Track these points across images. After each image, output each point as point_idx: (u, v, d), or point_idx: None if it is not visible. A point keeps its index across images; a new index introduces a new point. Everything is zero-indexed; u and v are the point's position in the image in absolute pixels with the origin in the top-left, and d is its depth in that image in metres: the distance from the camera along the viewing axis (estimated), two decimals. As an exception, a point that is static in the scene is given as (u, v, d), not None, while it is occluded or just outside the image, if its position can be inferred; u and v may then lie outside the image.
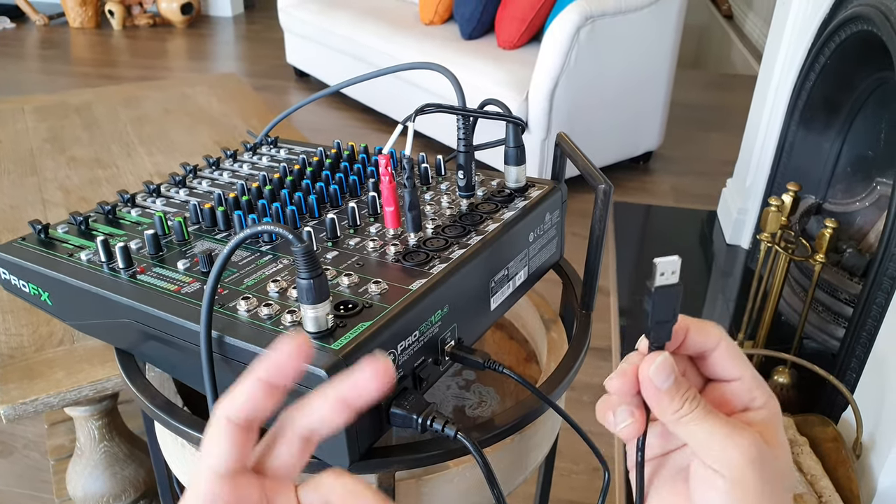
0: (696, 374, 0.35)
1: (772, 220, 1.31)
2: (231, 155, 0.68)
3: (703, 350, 0.33)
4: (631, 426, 0.33)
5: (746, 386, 0.33)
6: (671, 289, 0.30)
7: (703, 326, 0.33)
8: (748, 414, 0.33)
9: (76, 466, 1.01)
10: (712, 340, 0.33)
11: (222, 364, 0.41)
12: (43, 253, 0.52)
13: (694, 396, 0.31)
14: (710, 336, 0.33)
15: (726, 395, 0.33)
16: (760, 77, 2.01)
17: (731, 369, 0.33)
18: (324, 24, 2.93)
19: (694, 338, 0.33)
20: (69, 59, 3.74)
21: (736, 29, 4.49)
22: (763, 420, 0.32)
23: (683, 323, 0.32)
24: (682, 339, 0.33)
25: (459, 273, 0.46)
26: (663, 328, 0.31)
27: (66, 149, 1.39)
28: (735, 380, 0.33)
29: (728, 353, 0.33)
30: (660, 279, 0.30)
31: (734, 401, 0.33)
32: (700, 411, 0.31)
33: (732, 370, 0.33)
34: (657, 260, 0.30)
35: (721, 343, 0.33)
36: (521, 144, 0.56)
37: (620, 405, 0.33)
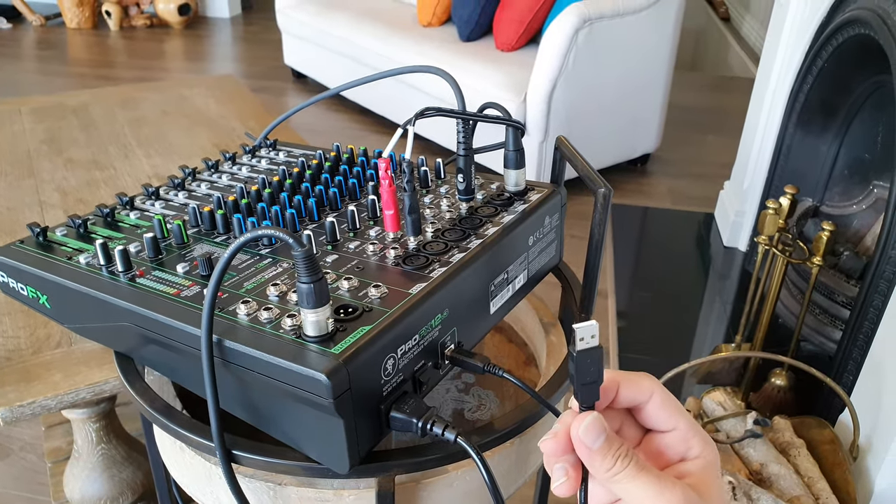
0: (634, 426, 0.35)
1: (769, 222, 1.31)
2: (230, 157, 0.68)
3: (636, 403, 0.34)
4: (565, 484, 0.33)
5: (681, 436, 0.33)
6: (592, 352, 0.31)
7: (635, 380, 0.34)
8: (684, 465, 0.33)
9: (73, 469, 1.00)
10: (644, 394, 0.34)
11: (222, 368, 0.41)
12: (41, 256, 0.51)
13: (626, 454, 0.31)
14: (642, 389, 0.34)
15: (662, 446, 0.34)
16: (758, 80, 2.01)
17: (665, 420, 0.33)
18: (321, 26, 2.93)
19: (625, 392, 0.33)
20: (66, 60, 3.74)
21: (733, 31, 4.50)
22: (699, 469, 0.33)
23: (614, 379, 0.33)
24: (615, 395, 0.34)
25: (459, 277, 0.46)
26: (590, 389, 0.32)
27: (63, 150, 1.39)
28: (670, 430, 0.34)
29: (661, 404, 0.33)
30: (580, 344, 0.31)
31: (670, 451, 0.34)
32: (632, 468, 0.31)
33: (667, 421, 0.33)
34: (575, 326, 0.31)
35: (653, 395, 0.33)
36: (520, 148, 0.56)
37: (556, 463, 0.33)
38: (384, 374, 0.40)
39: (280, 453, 0.42)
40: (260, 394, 0.42)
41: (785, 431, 1.16)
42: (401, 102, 2.66)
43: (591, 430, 0.31)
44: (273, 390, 0.39)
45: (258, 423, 0.43)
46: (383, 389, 0.41)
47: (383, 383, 0.41)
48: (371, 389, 0.40)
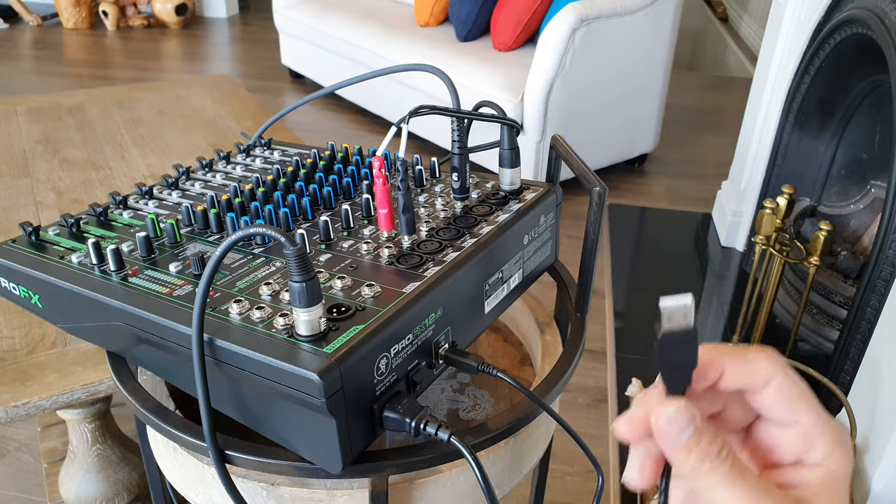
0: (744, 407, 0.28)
1: (766, 222, 1.31)
2: (224, 157, 0.67)
3: (747, 388, 0.27)
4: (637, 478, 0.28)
5: (803, 434, 0.27)
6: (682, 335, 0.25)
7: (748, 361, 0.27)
8: (799, 470, 0.27)
9: (69, 469, 1.00)
10: (759, 379, 0.27)
11: (214, 367, 0.41)
12: (33, 255, 0.51)
13: (718, 452, 0.25)
14: (756, 374, 0.27)
15: (776, 441, 0.28)
16: (755, 80, 2.01)
17: (784, 413, 0.27)
18: (319, 26, 2.92)
19: (733, 376, 0.27)
20: (63, 60, 3.73)
21: (731, 31, 4.50)
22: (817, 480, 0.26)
23: (718, 359, 0.27)
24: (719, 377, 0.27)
25: (453, 276, 0.46)
26: (680, 374, 0.26)
27: (59, 150, 1.38)
28: (790, 425, 0.27)
29: (780, 393, 0.27)
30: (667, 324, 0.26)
31: (784, 450, 0.27)
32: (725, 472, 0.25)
33: (786, 414, 0.27)
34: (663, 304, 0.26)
35: (772, 382, 0.27)
36: (515, 147, 0.56)
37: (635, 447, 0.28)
38: (377, 373, 0.40)
39: (273, 453, 0.42)
40: (252, 393, 0.41)
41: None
42: (397, 102, 2.65)
43: (676, 421, 0.26)
44: (265, 390, 0.39)
45: (251, 423, 0.43)
46: (376, 389, 0.40)
47: (376, 383, 0.40)
48: (364, 389, 0.39)
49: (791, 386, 0.27)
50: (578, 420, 1.44)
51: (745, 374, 0.27)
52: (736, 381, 0.27)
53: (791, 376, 0.27)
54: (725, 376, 0.27)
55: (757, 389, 0.27)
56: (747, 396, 0.28)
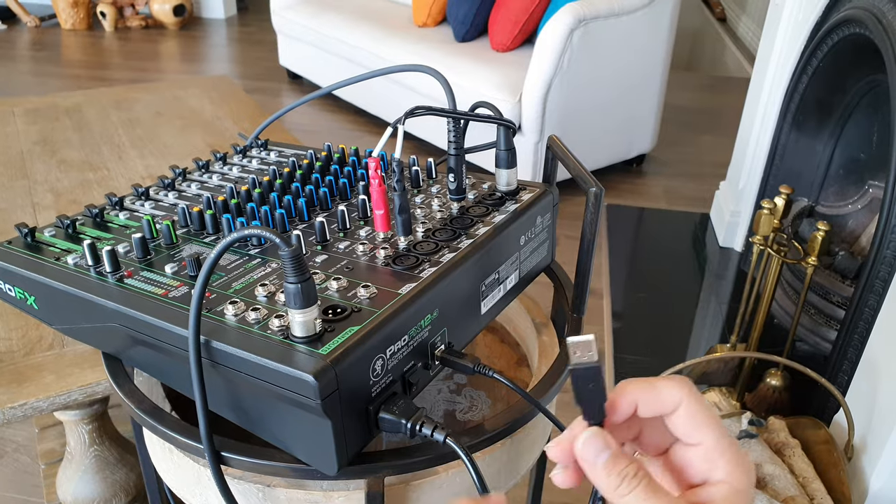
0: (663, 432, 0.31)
1: (764, 222, 1.31)
2: (221, 158, 0.67)
3: (660, 414, 0.30)
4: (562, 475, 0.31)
5: (705, 455, 0.29)
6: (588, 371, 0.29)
7: (658, 390, 0.30)
8: (705, 489, 0.29)
9: (66, 471, 1.00)
10: (668, 405, 0.30)
11: (210, 369, 0.41)
12: (29, 257, 0.51)
13: (634, 474, 0.28)
14: (665, 401, 0.30)
15: (686, 462, 0.30)
16: (753, 79, 2.01)
17: (691, 434, 0.30)
18: (317, 27, 2.92)
19: (646, 405, 0.30)
20: (60, 61, 3.73)
21: (729, 32, 4.51)
22: (721, 498, 0.29)
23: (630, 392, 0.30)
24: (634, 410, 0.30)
25: (449, 277, 0.46)
26: (592, 404, 0.30)
27: (56, 151, 1.38)
28: (696, 445, 0.30)
29: (686, 416, 0.30)
30: (575, 359, 0.29)
31: (692, 469, 0.30)
32: (640, 492, 0.28)
33: (692, 435, 0.30)
34: (569, 340, 0.29)
35: (680, 406, 0.30)
36: (511, 147, 0.56)
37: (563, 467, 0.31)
38: (373, 374, 0.40)
39: (269, 455, 0.42)
40: (248, 395, 0.41)
41: (780, 432, 1.16)
42: (395, 103, 2.65)
43: (590, 445, 0.29)
44: (261, 391, 0.39)
45: (247, 425, 0.43)
46: (372, 390, 0.40)
47: (372, 384, 0.40)
48: (359, 390, 0.39)
49: (695, 409, 0.30)
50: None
51: (656, 402, 0.30)
52: (649, 409, 0.30)
53: (696, 400, 0.30)
54: (640, 407, 0.30)
55: (668, 414, 0.30)
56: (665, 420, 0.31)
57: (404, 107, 2.94)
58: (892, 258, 1.17)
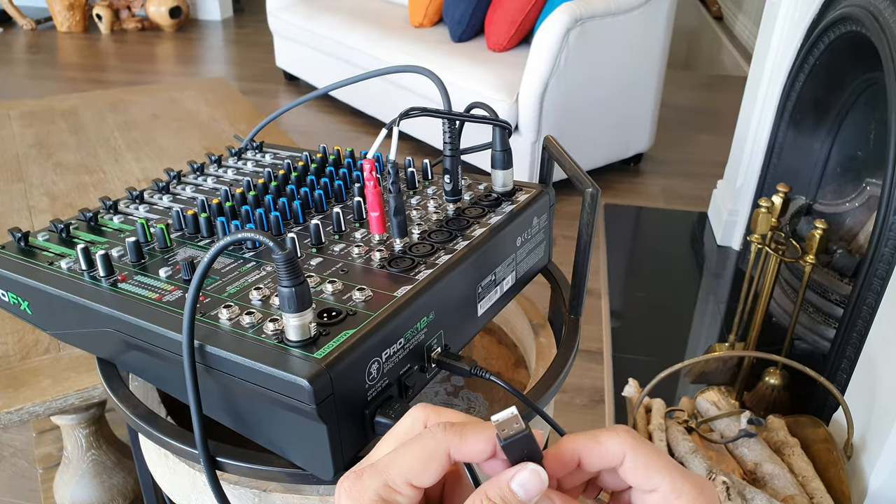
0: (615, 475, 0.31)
1: (762, 221, 1.31)
2: (216, 160, 0.67)
3: (606, 467, 0.30)
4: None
5: (664, 498, 0.29)
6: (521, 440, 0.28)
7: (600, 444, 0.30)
8: None
9: (64, 475, 1.00)
10: (613, 458, 0.30)
11: (204, 374, 0.40)
12: (22, 261, 0.51)
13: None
14: (609, 455, 0.29)
15: None
16: (750, 78, 2.01)
17: (643, 483, 0.30)
18: (313, 28, 2.92)
19: (590, 461, 0.30)
20: (56, 64, 3.72)
21: (726, 30, 4.51)
22: None
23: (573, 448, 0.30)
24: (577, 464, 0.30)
25: (446, 279, 0.46)
26: None
27: (52, 154, 1.38)
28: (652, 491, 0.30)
29: (636, 466, 0.29)
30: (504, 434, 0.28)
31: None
32: None
33: (645, 484, 0.30)
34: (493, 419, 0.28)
35: (625, 459, 0.29)
36: (507, 148, 0.56)
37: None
38: (368, 378, 0.40)
39: (265, 460, 0.42)
40: (243, 400, 0.41)
41: (779, 430, 1.16)
42: (392, 103, 2.65)
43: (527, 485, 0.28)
44: (256, 396, 0.39)
45: (242, 430, 0.43)
46: (368, 394, 0.40)
47: (368, 388, 0.40)
48: (355, 394, 0.39)
49: (643, 458, 0.29)
50: (575, 421, 1.43)
51: (601, 457, 0.30)
52: (594, 463, 0.30)
53: (641, 449, 0.29)
54: (584, 462, 0.30)
55: (615, 467, 0.30)
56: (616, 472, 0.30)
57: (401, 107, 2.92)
58: (889, 256, 1.16)
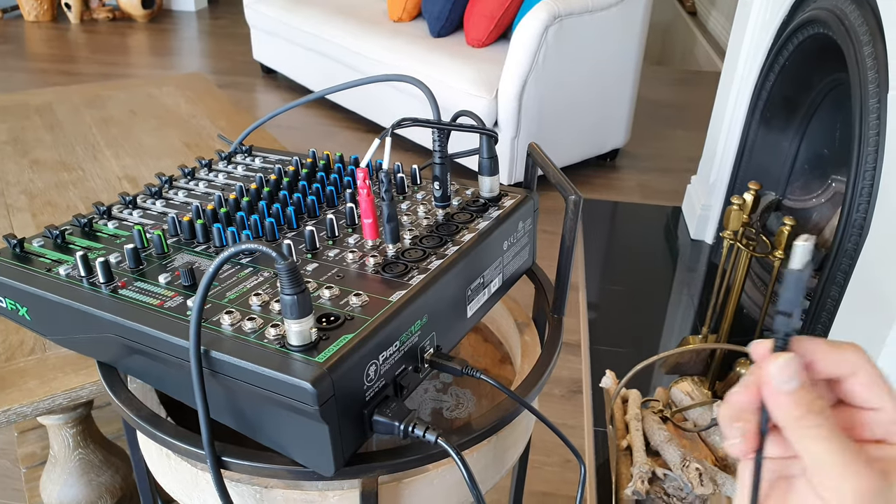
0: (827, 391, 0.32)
1: (734, 217, 1.36)
2: (206, 164, 0.68)
3: (836, 376, 0.31)
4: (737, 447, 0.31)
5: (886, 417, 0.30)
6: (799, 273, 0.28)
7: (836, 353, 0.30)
8: (882, 447, 0.30)
9: (51, 474, 1.00)
10: (847, 367, 0.30)
11: (208, 377, 0.42)
12: (19, 268, 0.52)
13: (821, 410, 0.28)
14: (845, 363, 0.30)
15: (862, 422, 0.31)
16: (723, 76, 2.06)
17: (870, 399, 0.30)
18: (290, 21, 2.90)
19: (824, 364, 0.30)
20: (25, 55, 3.63)
21: (700, 25, 4.58)
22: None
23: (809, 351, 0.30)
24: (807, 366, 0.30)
25: (437, 283, 0.48)
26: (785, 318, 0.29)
27: (28, 151, 1.36)
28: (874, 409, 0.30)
29: (867, 382, 0.30)
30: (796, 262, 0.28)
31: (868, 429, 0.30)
32: (825, 429, 0.28)
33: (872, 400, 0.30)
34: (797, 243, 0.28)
35: (859, 372, 0.30)
36: (494, 155, 0.58)
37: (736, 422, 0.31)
38: (366, 380, 0.42)
39: (267, 458, 0.44)
40: (246, 402, 0.43)
41: (749, 419, 1.20)
42: (373, 99, 2.65)
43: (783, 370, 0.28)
44: (259, 398, 0.41)
45: (245, 430, 0.45)
46: (366, 395, 0.42)
47: (366, 389, 0.42)
48: (354, 395, 0.41)
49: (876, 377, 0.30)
50: (555, 411, 1.47)
51: (836, 364, 0.30)
52: (827, 369, 0.30)
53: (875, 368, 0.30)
54: (816, 365, 0.30)
55: (845, 378, 0.30)
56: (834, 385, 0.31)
57: (382, 103, 2.93)
58: (853, 251, 1.22)
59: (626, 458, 1.12)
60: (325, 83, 2.90)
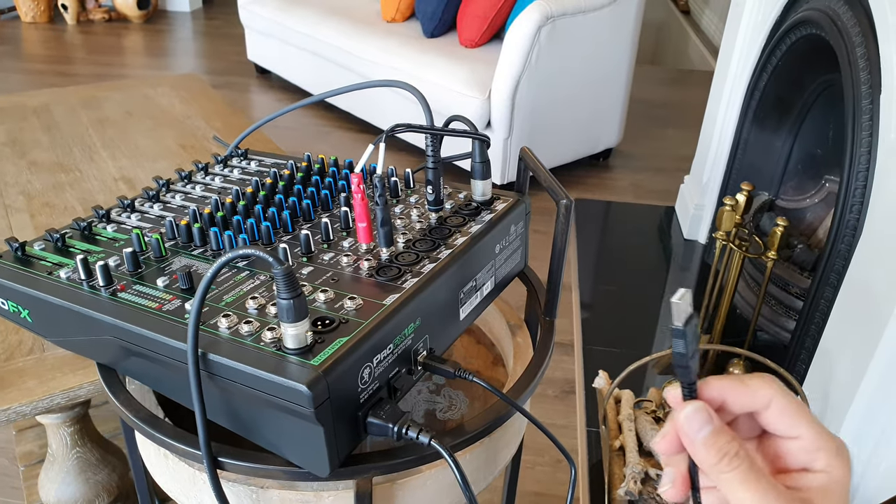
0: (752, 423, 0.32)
1: (726, 218, 1.37)
2: (203, 168, 0.69)
3: (750, 410, 0.31)
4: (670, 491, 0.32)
5: (804, 446, 0.30)
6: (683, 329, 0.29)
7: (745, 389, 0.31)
8: (804, 476, 0.31)
9: (49, 473, 1.00)
10: (759, 400, 0.31)
11: (206, 379, 0.43)
12: (21, 271, 0.52)
13: (736, 452, 0.29)
14: (756, 397, 0.31)
15: (782, 451, 0.31)
16: (716, 76, 2.08)
17: (787, 429, 0.31)
18: (284, 21, 2.90)
19: (735, 400, 0.31)
20: (22, 56, 3.62)
21: (693, 24, 4.60)
22: (819, 485, 0.30)
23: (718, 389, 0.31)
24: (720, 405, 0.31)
25: (430, 287, 0.49)
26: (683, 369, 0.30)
27: (26, 153, 1.37)
28: (793, 438, 0.31)
29: (781, 412, 0.31)
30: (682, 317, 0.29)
31: (790, 459, 0.31)
32: (740, 471, 0.29)
33: (790, 429, 0.31)
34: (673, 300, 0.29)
35: (772, 404, 0.31)
36: (486, 160, 0.59)
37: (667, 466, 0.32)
38: (361, 382, 0.43)
39: (263, 459, 0.45)
40: (242, 404, 0.44)
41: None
42: (366, 100, 2.66)
43: (693, 418, 0.29)
44: (255, 400, 0.42)
45: (241, 431, 0.46)
46: (360, 397, 0.43)
47: (360, 391, 0.43)
48: (349, 398, 0.42)
49: (790, 405, 0.31)
50: (547, 411, 1.48)
51: (746, 399, 0.31)
52: (739, 405, 0.31)
53: (786, 397, 0.31)
54: (728, 403, 0.31)
55: (759, 411, 0.31)
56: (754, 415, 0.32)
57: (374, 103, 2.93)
58: (846, 252, 1.23)
59: (619, 458, 1.13)
60: (318, 83, 2.90)
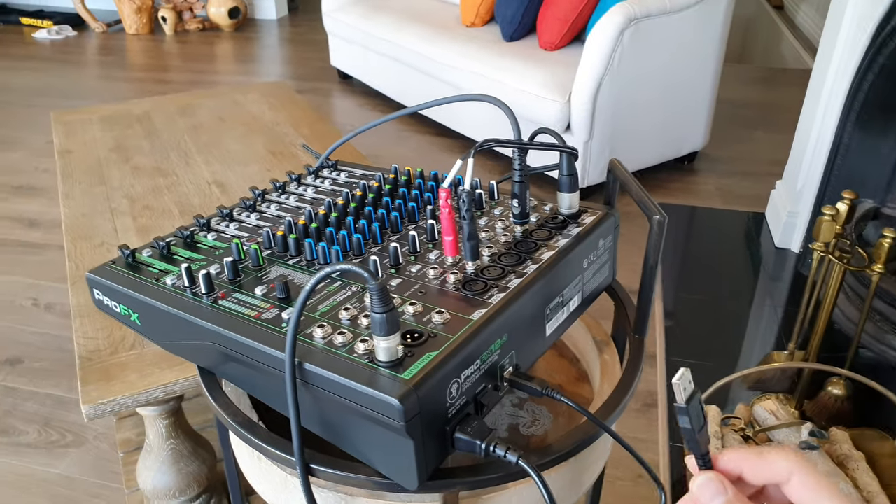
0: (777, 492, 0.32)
1: (825, 229, 1.28)
2: (296, 179, 0.72)
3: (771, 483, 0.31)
4: None
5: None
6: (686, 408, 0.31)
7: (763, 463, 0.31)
8: None
9: (146, 461, 1.07)
10: (779, 473, 0.31)
11: (301, 388, 0.44)
12: (131, 277, 0.56)
13: None
14: (774, 471, 0.31)
15: None
16: (814, 75, 1.96)
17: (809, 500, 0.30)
18: (366, 28, 2.97)
19: (754, 475, 0.31)
20: (125, 65, 3.90)
21: (787, 20, 4.35)
22: None
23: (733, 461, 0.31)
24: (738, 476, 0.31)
25: (517, 302, 0.49)
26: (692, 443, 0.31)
27: (129, 158, 1.46)
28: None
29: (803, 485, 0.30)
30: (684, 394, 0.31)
31: None
32: None
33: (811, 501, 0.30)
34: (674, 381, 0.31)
35: (793, 477, 0.30)
36: (574, 172, 0.58)
37: None
38: (449, 397, 0.43)
39: (354, 468, 0.46)
40: (335, 413, 0.45)
41: (843, 443, 1.14)
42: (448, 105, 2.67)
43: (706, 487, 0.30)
44: (348, 410, 0.43)
45: (332, 439, 0.47)
46: (448, 412, 0.43)
47: (448, 406, 0.43)
48: (438, 412, 0.42)
49: (810, 479, 0.30)
50: (628, 425, 1.44)
51: (765, 472, 0.31)
52: (757, 477, 0.31)
53: (808, 470, 0.31)
54: (745, 475, 0.31)
55: (781, 483, 0.31)
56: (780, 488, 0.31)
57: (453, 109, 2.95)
58: (961, 267, 1.13)
59: (704, 476, 1.08)
60: (399, 89, 2.95)
